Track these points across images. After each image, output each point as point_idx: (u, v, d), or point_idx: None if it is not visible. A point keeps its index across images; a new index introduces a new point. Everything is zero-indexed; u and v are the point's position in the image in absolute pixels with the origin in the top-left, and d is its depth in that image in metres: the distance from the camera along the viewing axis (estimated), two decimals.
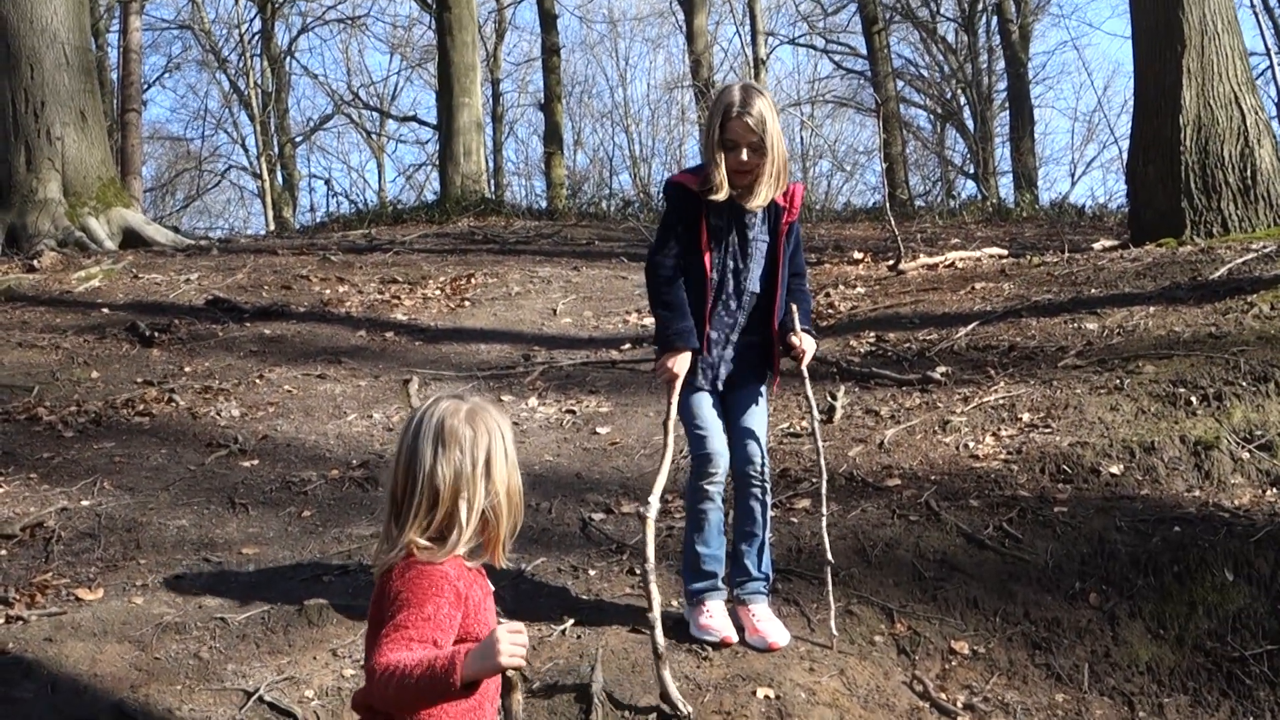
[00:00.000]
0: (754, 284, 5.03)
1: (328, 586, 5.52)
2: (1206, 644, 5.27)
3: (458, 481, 3.01)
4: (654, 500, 4.78)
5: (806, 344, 5.04)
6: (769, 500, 5.08)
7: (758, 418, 5.07)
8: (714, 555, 5.00)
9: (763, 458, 5.03)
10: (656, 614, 4.63)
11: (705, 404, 4.99)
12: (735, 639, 4.95)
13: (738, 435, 5.03)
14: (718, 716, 4.53)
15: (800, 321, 5.05)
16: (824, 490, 5.28)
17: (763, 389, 5.16)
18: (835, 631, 4.99)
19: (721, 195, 4.84)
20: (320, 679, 4.77)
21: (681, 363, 4.87)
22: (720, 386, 5.07)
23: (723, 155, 4.82)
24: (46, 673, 4.79)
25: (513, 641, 2.83)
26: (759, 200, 4.89)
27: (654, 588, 4.68)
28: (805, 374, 5.27)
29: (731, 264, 4.98)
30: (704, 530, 4.98)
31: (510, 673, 2.90)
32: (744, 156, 4.81)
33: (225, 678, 4.83)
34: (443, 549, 2.99)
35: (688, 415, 4.99)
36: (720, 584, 5.05)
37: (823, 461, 5.30)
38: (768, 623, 4.99)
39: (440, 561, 2.97)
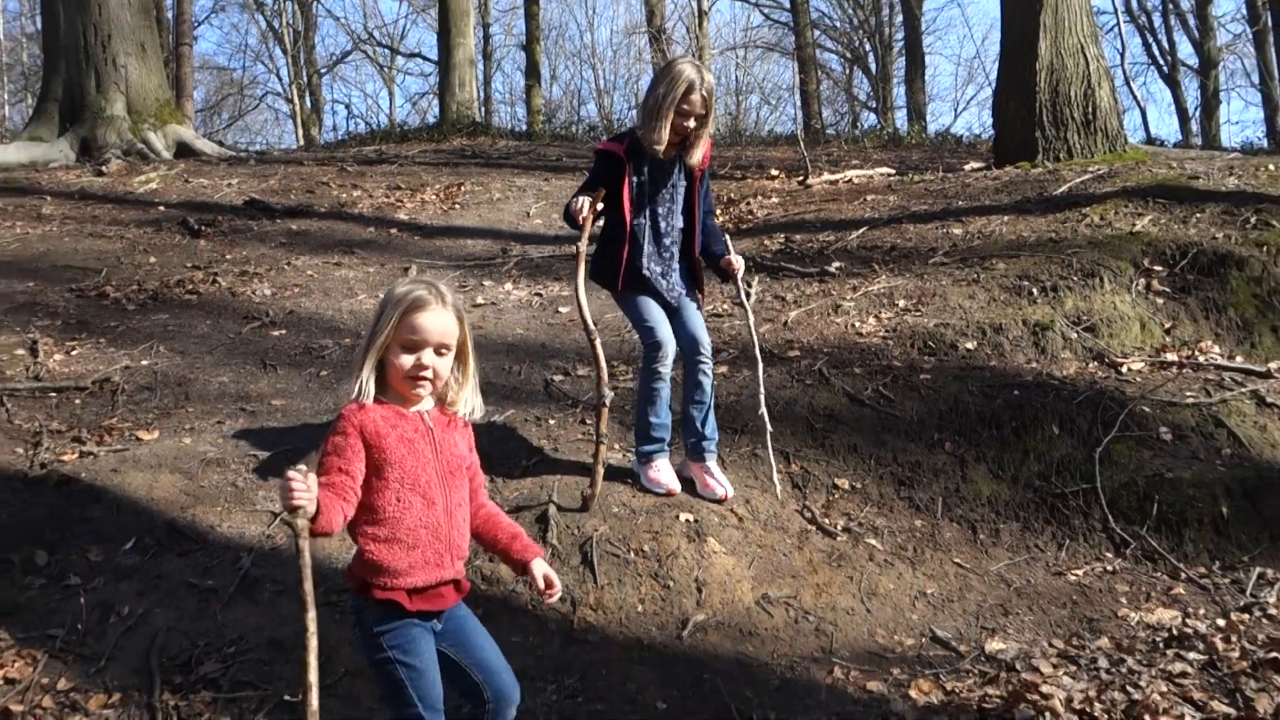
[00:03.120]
0: (678, 221, 4.97)
1: None
2: (1036, 483, 5.38)
3: (375, 321, 2.86)
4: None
5: (738, 264, 4.97)
6: (711, 375, 5.03)
7: (696, 315, 5.02)
8: (663, 424, 4.97)
9: (706, 343, 4.98)
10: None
11: (651, 303, 4.92)
12: (679, 490, 4.92)
13: (686, 328, 4.96)
14: (648, 534, 4.60)
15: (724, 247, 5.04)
16: (761, 394, 5.21)
17: (695, 296, 5.09)
18: (779, 486, 5.02)
19: (661, 151, 4.76)
20: None
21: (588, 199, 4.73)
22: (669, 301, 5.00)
23: (672, 120, 4.70)
24: (112, 497, 4.82)
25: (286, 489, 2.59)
26: (695, 158, 4.82)
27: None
28: (741, 286, 5.20)
29: (662, 209, 4.91)
30: (655, 403, 4.94)
31: (292, 517, 2.60)
32: (691, 124, 4.72)
33: (256, 502, 4.89)
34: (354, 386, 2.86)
35: (637, 314, 4.91)
36: (666, 447, 5.02)
37: (761, 377, 5.23)
38: (717, 478, 4.99)
39: (354, 403, 2.84)
